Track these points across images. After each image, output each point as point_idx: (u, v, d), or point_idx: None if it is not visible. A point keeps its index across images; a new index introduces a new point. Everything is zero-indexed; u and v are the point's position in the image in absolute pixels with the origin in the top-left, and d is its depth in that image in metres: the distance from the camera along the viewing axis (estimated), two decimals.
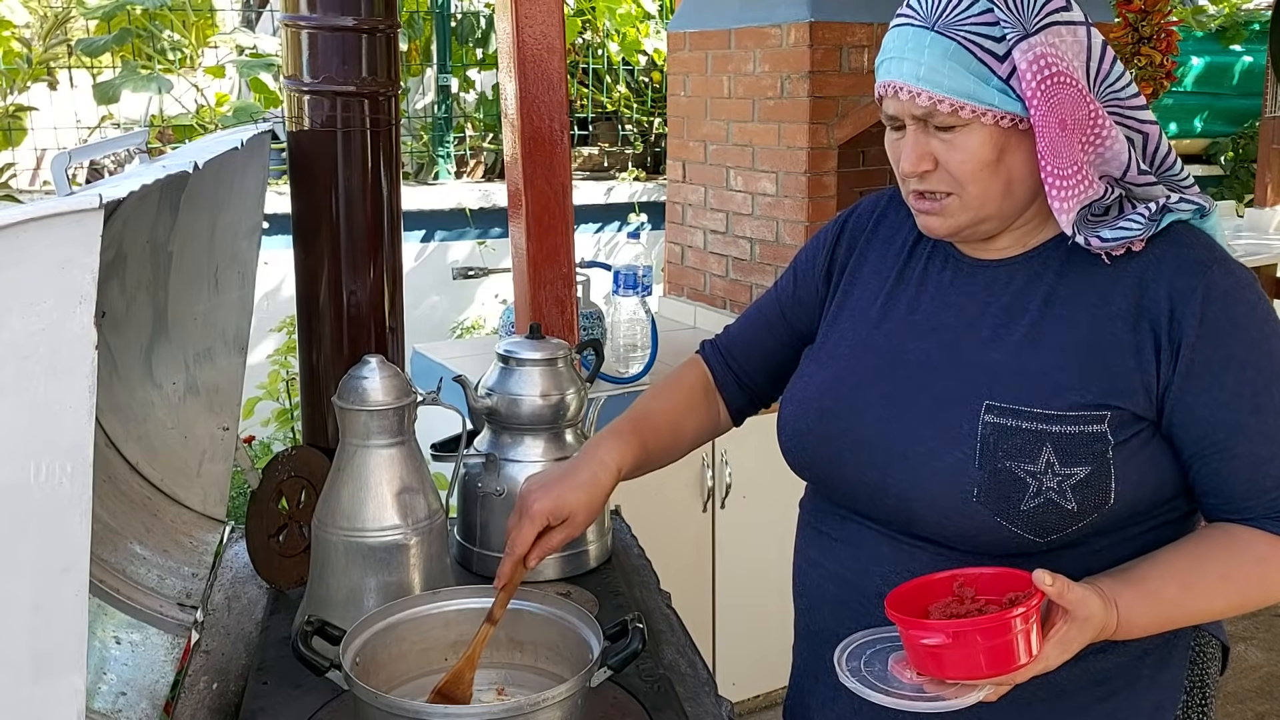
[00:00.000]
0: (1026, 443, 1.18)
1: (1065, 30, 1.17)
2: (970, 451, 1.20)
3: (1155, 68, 4.44)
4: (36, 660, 0.88)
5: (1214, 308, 1.17)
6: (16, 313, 0.86)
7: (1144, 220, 1.19)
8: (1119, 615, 1.13)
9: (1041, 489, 1.17)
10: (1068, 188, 1.17)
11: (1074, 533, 1.20)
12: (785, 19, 3.21)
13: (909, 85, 1.17)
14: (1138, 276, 1.19)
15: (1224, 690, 3.39)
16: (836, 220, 1.48)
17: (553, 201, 2.41)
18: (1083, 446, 1.17)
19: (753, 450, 2.89)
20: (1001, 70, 1.15)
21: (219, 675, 1.50)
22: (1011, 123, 1.17)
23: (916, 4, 1.20)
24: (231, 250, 1.72)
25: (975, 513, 1.19)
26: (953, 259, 1.32)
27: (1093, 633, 1.11)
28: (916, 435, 1.24)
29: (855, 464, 1.29)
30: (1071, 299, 1.22)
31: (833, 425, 1.32)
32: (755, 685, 3.18)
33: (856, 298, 1.39)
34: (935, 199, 1.22)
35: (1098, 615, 1.11)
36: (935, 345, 1.28)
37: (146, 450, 1.69)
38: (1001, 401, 1.20)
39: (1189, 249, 1.20)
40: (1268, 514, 1.19)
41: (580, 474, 1.36)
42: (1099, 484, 1.18)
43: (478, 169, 5.66)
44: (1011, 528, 1.19)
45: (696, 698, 1.43)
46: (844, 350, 1.36)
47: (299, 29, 1.73)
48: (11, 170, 4.93)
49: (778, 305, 1.51)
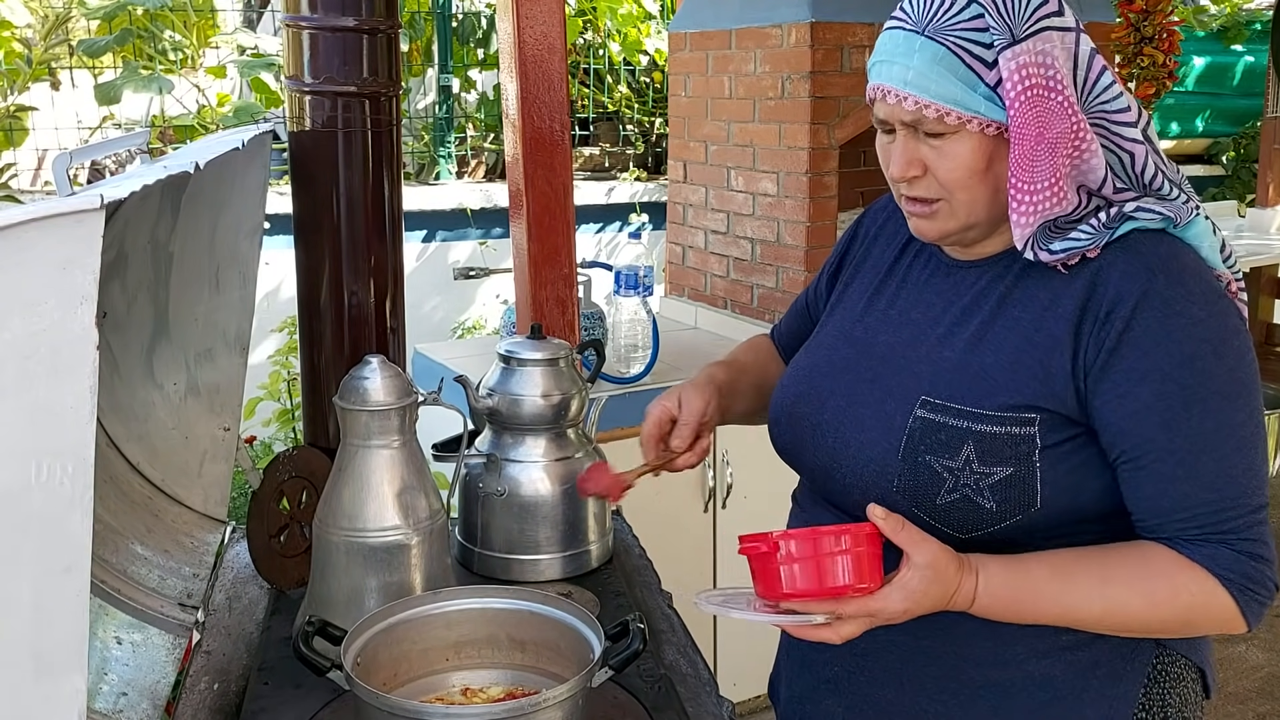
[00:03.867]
0: (950, 439, 1.19)
1: (1056, 35, 1.16)
2: (896, 443, 1.22)
3: (1158, 68, 4.45)
4: (38, 660, 0.88)
5: (1146, 315, 1.14)
6: (18, 313, 0.86)
7: (1094, 230, 1.17)
8: (979, 582, 1.14)
9: (958, 485, 1.18)
10: (1034, 202, 1.15)
11: (998, 531, 1.19)
12: (786, 19, 3.21)
13: (896, 89, 1.17)
14: (1089, 280, 1.18)
15: (1224, 691, 3.39)
16: (857, 219, 1.51)
17: (554, 202, 2.41)
18: (1006, 447, 1.17)
19: (754, 450, 2.88)
20: (989, 78, 1.14)
21: (220, 675, 1.50)
22: (997, 131, 1.16)
23: (909, 7, 1.19)
24: (232, 250, 1.72)
25: (895, 503, 1.20)
26: (935, 258, 1.34)
27: (940, 588, 1.12)
28: (860, 423, 1.28)
29: (813, 447, 1.33)
30: (1024, 300, 1.22)
31: (801, 409, 1.36)
32: (756, 685, 3.17)
33: (852, 291, 1.43)
34: (925, 204, 1.23)
35: (943, 569, 1.11)
36: (900, 340, 1.31)
37: (148, 450, 1.69)
38: (936, 398, 1.22)
39: (1141, 256, 1.17)
40: (1178, 536, 1.14)
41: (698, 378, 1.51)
42: (1022, 486, 1.17)
43: (479, 169, 5.66)
44: (929, 520, 1.20)
45: (697, 698, 1.43)
46: (826, 340, 1.41)
47: (300, 29, 1.73)
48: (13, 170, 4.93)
49: (807, 300, 1.58)
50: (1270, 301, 5.57)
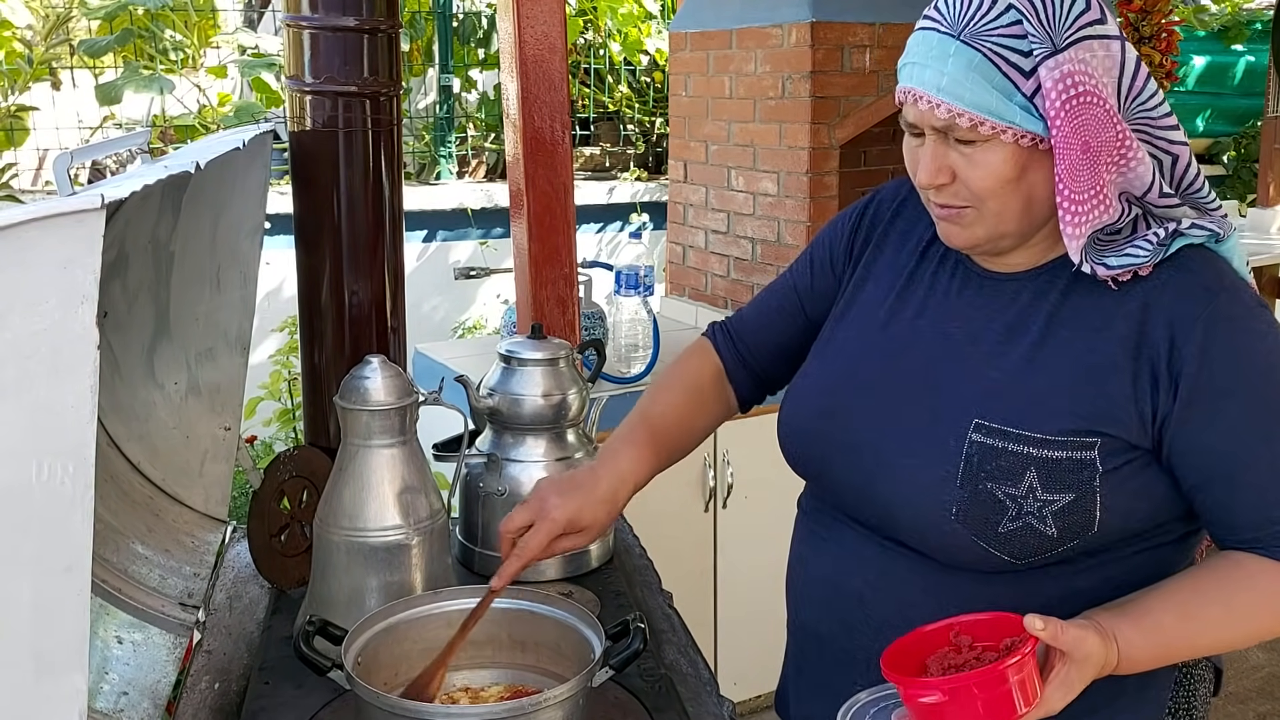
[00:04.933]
0: (1011, 465, 1.16)
1: (1098, 45, 1.12)
2: (953, 469, 1.18)
3: (1155, 67, 4.45)
4: (38, 660, 0.88)
5: (1217, 336, 1.13)
6: (19, 312, 0.86)
7: (1152, 246, 1.15)
8: (1119, 650, 1.10)
9: (1021, 513, 1.15)
10: (1083, 213, 1.12)
11: (1053, 556, 1.18)
12: (787, 19, 3.21)
13: (929, 95, 1.12)
14: (1142, 301, 1.16)
15: (1225, 690, 3.37)
16: (855, 208, 1.44)
17: (554, 201, 2.41)
18: (1069, 473, 1.15)
19: (754, 451, 2.89)
20: (1026, 87, 1.10)
21: (221, 675, 1.50)
22: (1032, 142, 1.12)
23: (944, 9, 1.14)
24: (233, 250, 1.72)
25: (953, 530, 1.18)
26: (963, 266, 1.29)
27: (1094, 670, 1.09)
28: (906, 447, 1.23)
29: (845, 466, 1.28)
30: (1074, 320, 1.19)
31: (828, 425, 1.31)
32: (756, 685, 3.18)
33: (868, 293, 1.36)
34: (954, 208, 1.19)
35: (1096, 653, 1.08)
36: (936, 356, 1.26)
37: (148, 450, 1.69)
38: (991, 421, 1.18)
39: (1195, 275, 1.15)
40: (1275, 542, 1.14)
41: (600, 487, 1.35)
42: (1082, 511, 1.15)
43: (479, 169, 5.66)
44: (988, 548, 1.17)
45: (698, 697, 1.43)
46: (848, 349, 1.34)
47: (301, 29, 1.74)
48: (13, 170, 4.94)
49: (796, 296, 1.48)
50: (1271, 301, 5.57)
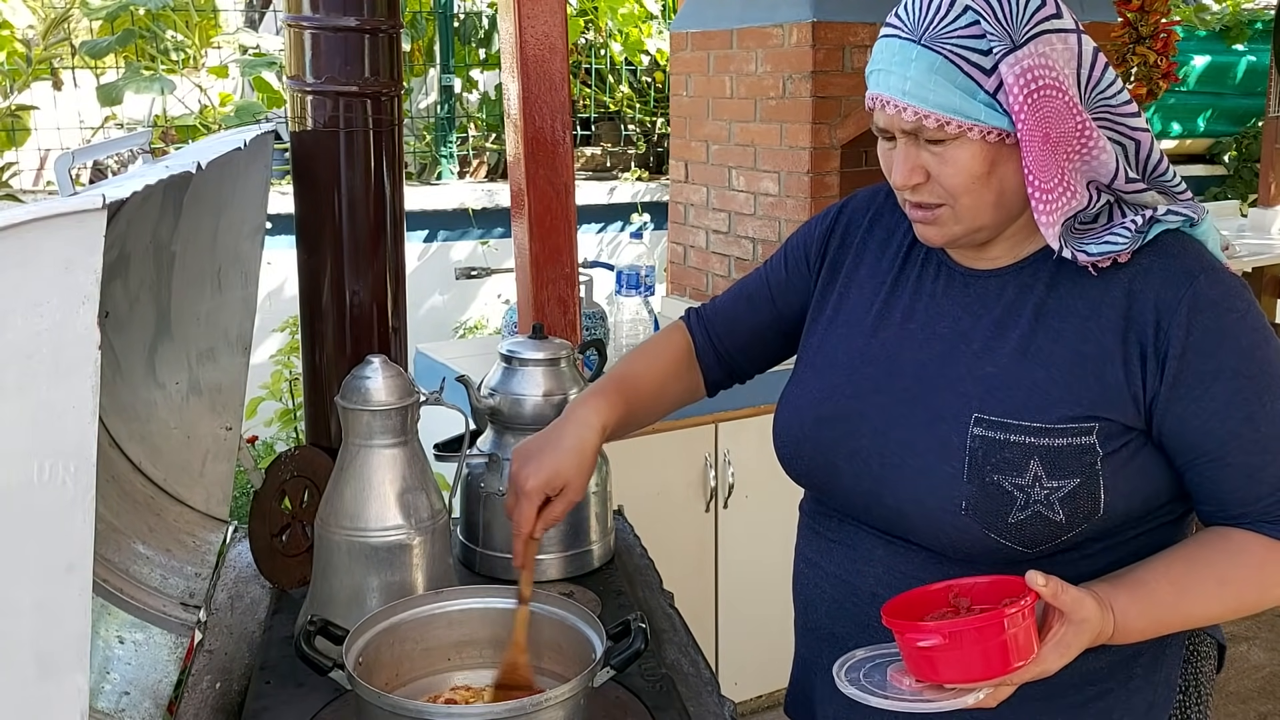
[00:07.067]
0: (1015, 456, 1.18)
1: (1056, 39, 1.15)
2: (959, 465, 1.20)
3: (1150, 67, 4.40)
4: (40, 660, 0.88)
5: (1201, 318, 1.16)
6: (20, 313, 0.86)
7: (1130, 233, 1.18)
8: (1115, 619, 1.13)
9: (1029, 502, 1.18)
10: (1052, 200, 1.16)
11: (1063, 542, 1.20)
12: (787, 19, 3.21)
13: (895, 99, 1.16)
14: (1126, 288, 1.19)
15: (1226, 690, 3.39)
16: (829, 211, 1.47)
17: (555, 201, 2.41)
18: (1071, 459, 1.18)
19: (755, 451, 2.89)
20: (988, 85, 1.14)
21: (222, 675, 1.50)
22: (999, 137, 1.16)
23: (904, 15, 1.18)
24: (234, 250, 1.72)
25: (965, 525, 1.20)
26: (946, 268, 1.32)
27: (1090, 636, 1.11)
28: (910, 448, 1.25)
29: (850, 473, 1.30)
30: (1061, 310, 1.22)
31: (828, 434, 1.33)
32: (757, 685, 3.18)
33: (853, 302, 1.39)
34: (929, 209, 1.23)
35: (1094, 618, 1.10)
36: (930, 357, 1.28)
37: (149, 450, 1.69)
38: (991, 415, 1.21)
39: (1175, 258, 1.19)
40: (1263, 517, 1.18)
41: (565, 439, 1.36)
42: (1088, 496, 1.18)
43: (480, 169, 5.66)
44: (1000, 539, 1.20)
45: (699, 697, 1.43)
46: (840, 358, 1.36)
47: (302, 29, 1.74)
48: (15, 170, 4.94)
49: (768, 288, 1.51)
50: (1272, 301, 5.56)
